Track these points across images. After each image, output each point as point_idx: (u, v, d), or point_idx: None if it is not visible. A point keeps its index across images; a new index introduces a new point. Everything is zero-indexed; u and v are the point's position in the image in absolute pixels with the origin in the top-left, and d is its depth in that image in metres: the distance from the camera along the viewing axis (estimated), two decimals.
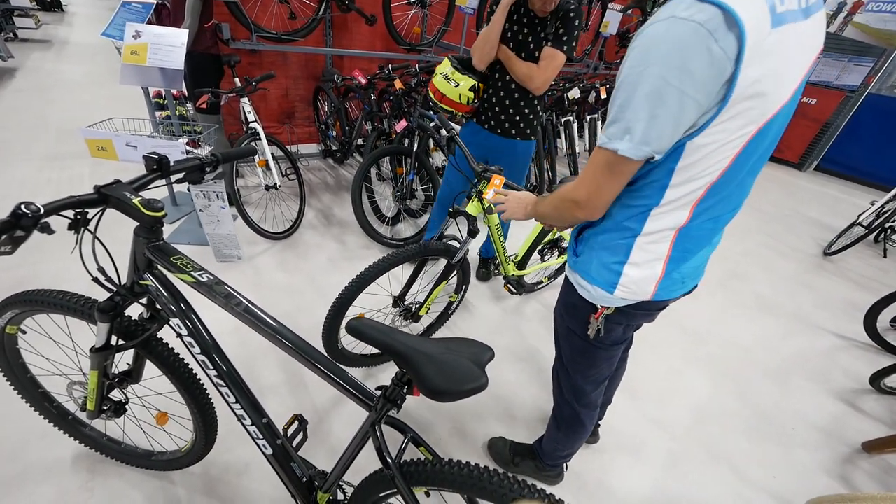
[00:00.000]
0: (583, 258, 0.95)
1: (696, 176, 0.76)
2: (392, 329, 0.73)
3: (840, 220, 4.30)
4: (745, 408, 1.94)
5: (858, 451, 1.80)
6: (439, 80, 1.86)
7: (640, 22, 4.77)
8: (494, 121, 1.91)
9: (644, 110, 0.66)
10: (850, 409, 2.04)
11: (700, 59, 0.61)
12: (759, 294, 2.90)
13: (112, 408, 1.11)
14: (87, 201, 0.77)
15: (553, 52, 1.71)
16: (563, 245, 2.29)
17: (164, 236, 0.89)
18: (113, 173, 0.91)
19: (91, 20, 8.80)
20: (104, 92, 4.58)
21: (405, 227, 2.96)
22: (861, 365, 2.35)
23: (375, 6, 2.86)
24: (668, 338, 2.28)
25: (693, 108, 0.66)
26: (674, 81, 0.63)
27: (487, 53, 1.75)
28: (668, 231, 0.84)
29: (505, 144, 1.96)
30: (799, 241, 3.86)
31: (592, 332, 1.01)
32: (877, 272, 3.53)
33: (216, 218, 2.11)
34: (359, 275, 1.47)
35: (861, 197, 5.43)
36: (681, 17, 0.61)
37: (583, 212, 0.84)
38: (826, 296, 3.04)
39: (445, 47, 3.40)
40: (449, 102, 1.88)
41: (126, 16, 2.26)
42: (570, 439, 1.32)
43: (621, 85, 0.70)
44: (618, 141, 0.71)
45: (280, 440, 0.92)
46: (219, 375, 0.89)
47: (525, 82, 1.77)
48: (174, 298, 0.89)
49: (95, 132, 2.04)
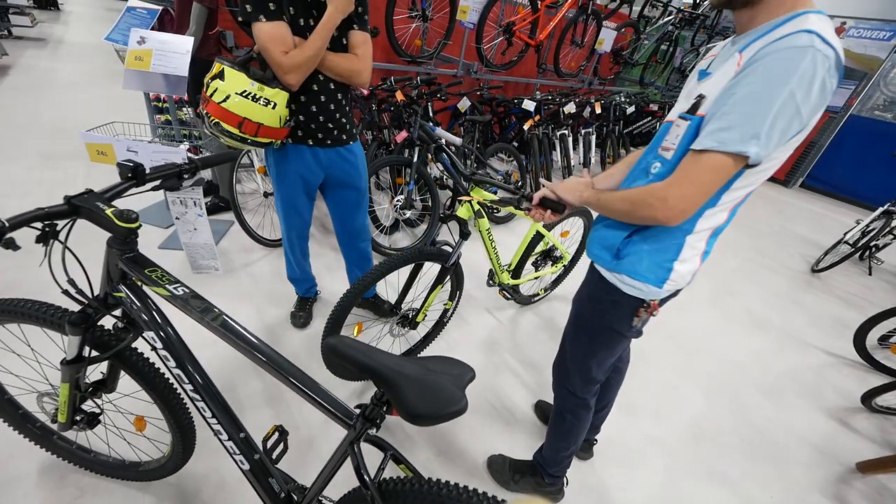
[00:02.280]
0: (630, 259, 0.99)
1: (752, 183, 0.86)
2: (370, 348, 0.72)
3: (826, 237, 4.41)
4: (740, 424, 1.96)
5: (852, 470, 1.82)
6: (239, 103, 1.30)
7: (633, 40, 4.89)
8: (322, 132, 1.53)
9: (770, 121, 0.74)
10: (843, 427, 2.07)
11: (820, 89, 0.72)
12: (751, 310, 2.94)
13: (85, 419, 1.08)
14: (56, 213, 0.75)
15: (364, 35, 1.44)
16: (556, 255, 2.30)
17: (146, 243, 0.87)
18: (110, 175, 0.89)
19: (87, 19, 8.75)
20: (100, 93, 4.54)
21: (402, 236, 2.96)
22: (851, 383, 2.39)
23: (378, 18, 2.89)
24: (663, 352, 2.30)
25: (797, 127, 0.76)
26: (800, 101, 0.72)
27: (311, 69, 1.37)
28: (709, 230, 0.95)
29: (342, 154, 1.63)
30: (788, 258, 3.94)
31: (640, 324, 1.08)
32: (863, 290, 3.61)
33: (192, 226, 2.04)
34: (355, 283, 1.46)
35: (845, 214, 5.57)
36: (818, 49, 0.70)
37: (665, 213, 0.85)
38: (815, 313, 3.09)
39: (445, 60, 3.44)
40: (267, 132, 1.37)
41: (130, 21, 2.26)
42: (574, 435, 1.34)
43: (750, 94, 0.75)
44: (741, 145, 0.76)
45: (258, 455, 0.90)
46: (195, 389, 0.87)
47: (352, 78, 1.46)
48: (148, 311, 0.87)
49: (95, 136, 2.01)
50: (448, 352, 2.04)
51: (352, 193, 1.76)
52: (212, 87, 1.30)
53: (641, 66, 5.20)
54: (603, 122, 4.43)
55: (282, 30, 1.28)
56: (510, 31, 3.42)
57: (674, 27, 5.04)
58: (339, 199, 1.77)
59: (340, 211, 1.82)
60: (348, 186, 1.73)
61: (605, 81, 5.13)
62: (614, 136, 4.54)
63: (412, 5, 2.96)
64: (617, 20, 4.55)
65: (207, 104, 1.32)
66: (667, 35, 5.05)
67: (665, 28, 5.08)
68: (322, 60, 1.37)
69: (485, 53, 3.41)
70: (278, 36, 1.27)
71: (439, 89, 2.84)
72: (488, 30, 3.34)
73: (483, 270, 2.52)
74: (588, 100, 4.10)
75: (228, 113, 1.30)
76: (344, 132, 1.60)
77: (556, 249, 2.26)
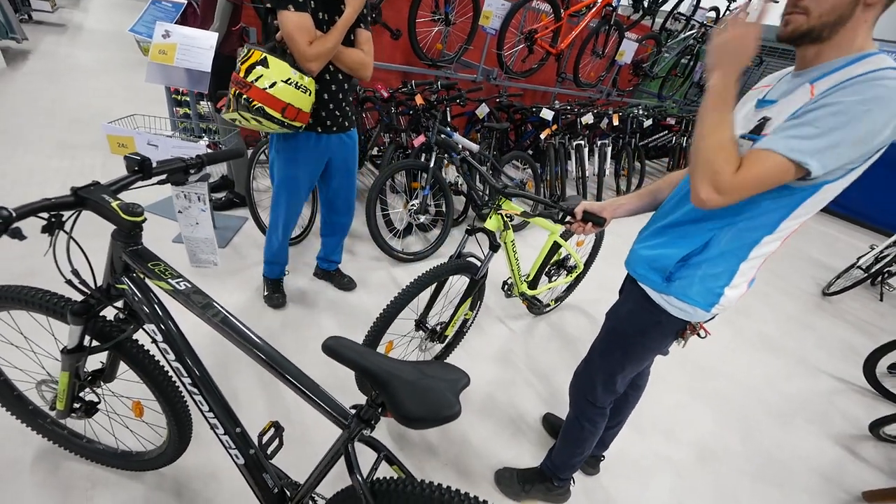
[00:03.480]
0: (681, 283, 1.01)
1: (808, 212, 0.88)
2: (367, 350, 0.73)
3: (838, 261, 4.37)
4: (749, 447, 1.95)
5: (858, 499, 1.81)
6: (284, 89, 1.41)
7: (654, 52, 4.87)
8: (330, 119, 1.69)
9: (851, 143, 0.75)
10: (850, 455, 2.05)
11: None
12: (763, 332, 2.92)
13: (83, 407, 1.09)
14: (62, 204, 0.75)
15: (368, 33, 1.64)
16: (570, 264, 2.30)
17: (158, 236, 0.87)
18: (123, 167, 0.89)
19: (107, 7, 8.79)
20: (118, 81, 4.56)
21: (415, 240, 2.96)
22: (859, 410, 2.37)
23: (400, 21, 2.89)
24: (674, 371, 2.29)
25: (864, 155, 0.77)
26: (887, 133, 0.74)
27: (328, 59, 1.52)
28: (763, 257, 0.97)
29: (343, 139, 1.79)
30: (800, 280, 3.91)
31: (684, 345, 1.12)
32: (874, 315, 3.58)
33: (195, 221, 2.06)
34: (394, 299, 1.46)
35: (859, 238, 5.52)
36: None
37: (708, 192, 0.83)
38: (825, 337, 3.07)
39: (465, 65, 3.43)
40: (303, 117, 1.52)
41: (155, 13, 2.27)
42: (590, 441, 1.37)
43: (833, 115, 0.75)
44: (807, 157, 0.77)
45: (253, 450, 0.91)
46: (193, 383, 0.88)
47: (359, 71, 1.63)
48: (150, 303, 0.88)
49: (117, 129, 2.03)
50: (465, 360, 2.04)
51: (347, 177, 1.93)
52: (255, 72, 1.40)
53: (661, 80, 5.17)
54: (619, 134, 4.41)
55: (308, 21, 1.41)
56: (532, 39, 3.41)
57: (695, 41, 5.01)
58: (336, 184, 1.93)
59: (335, 195, 1.97)
60: (345, 170, 1.89)
61: (624, 93, 5.11)
62: (630, 148, 4.52)
63: (435, 8, 2.96)
64: (639, 32, 4.53)
65: (249, 89, 1.41)
66: (688, 49, 5.02)
67: (686, 42, 5.05)
68: (338, 54, 1.53)
69: (505, 60, 3.40)
70: (305, 26, 1.40)
71: (459, 94, 2.84)
72: (510, 36, 3.33)
73: (496, 278, 2.52)
74: (606, 111, 4.08)
75: (274, 98, 1.42)
76: (347, 119, 1.76)
77: (571, 259, 2.26)
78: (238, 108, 1.45)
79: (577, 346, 2.33)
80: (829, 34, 0.80)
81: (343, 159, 1.84)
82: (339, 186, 1.94)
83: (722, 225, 0.95)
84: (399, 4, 3.00)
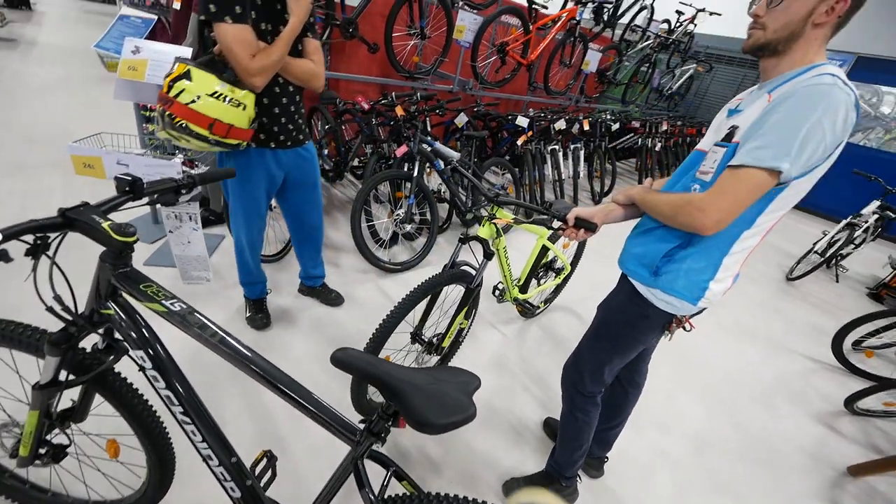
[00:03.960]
0: (667, 277, 1.06)
1: (783, 207, 0.96)
2: (378, 359, 0.72)
3: (796, 247, 4.66)
4: (738, 433, 2.02)
5: (843, 474, 1.91)
6: (210, 104, 1.28)
7: (616, 62, 5.11)
8: (284, 134, 1.58)
9: (800, 141, 0.84)
10: (830, 431, 2.17)
11: (843, 120, 0.83)
12: (739, 320, 3.07)
13: (50, 452, 0.98)
14: (50, 225, 0.71)
15: (316, 43, 1.54)
16: (557, 266, 2.35)
17: (133, 260, 0.82)
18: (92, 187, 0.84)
19: (62, 20, 8.37)
20: (77, 99, 4.34)
21: (401, 249, 2.95)
22: (833, 387, 2.51)
23: (377, 35, 2.91)
24: (661, 364, 2.35)
25: (822, 152, 0.86)
26: (826, 128, 0.83)
27: (274, 72, 1.41)
28: (745, 251, 1.03)
29: (300, 153, 1.69)
30: (765, 268, 4.14)
31: (671, 338, 1.19)
32: (833, 297, 3.84)
33: (186, 240, 2.01)
34: (390, 314, 1.44)
35: (811, 226, 5.93)
36: (841, 88, 0.83)
37: (702, 221, 0.93)
38: (793, 320, 3.26)
39: (442, 76, 3.49)
40: (237, 133, 1.37)
41: (123, 29, 2.19)
42: (586, 432, 1.40)
43: (782, 119, 0.85)
44: (776, 162, 0.85)
45: (250, 481, 0.86)
46: (185, 411, 0.83)
47: (310, 82, 1.54)
48: (138, 328, 0.83)
49: (83, 148, 1.93)
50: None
51: (311, 191, 1.84)
52: (176, 87, 1.27)
53: (624, 86, 5.43)
54: (590, 138, 4.58)
55: (249, 33, 1.31)
56: (504, 51, 3.51)
57: (652, 51, 5.31)
58: (299, 198, 1.83)
59: (300, 210, 1.88)
60: (307, 184, 1.80)
61: (591, 99, 5.32)
62: (601, 150, 4.70)
63: (411, 23, 3.00)
64: (601, 43, 4.75)
65: (171, 105, 1.27)
66: (646, 57, 5.31)
67: (644, 51, 5.34)
68: (286, 65, 1.44)
69: (479, 71, 3.48)
70: (245, 39, 1.29)
71: (439, 105, 2.88)
72: (483, 49, 3.41)
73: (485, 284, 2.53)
74: (576, 117, 4.23)
75: (198, 114, 1.28)
76: (301, 133, 1.67)
77: (558, 261, 2.31)
78: (164, 126, 1.32)
79: (570, 346, 2.34)
80: (784, 48, 0.90)
81: (302, 174, 1.74)
82: (304, 201, 1.85)
83: None
84: (375, 20, 3.03)
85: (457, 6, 3.05)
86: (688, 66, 6.41)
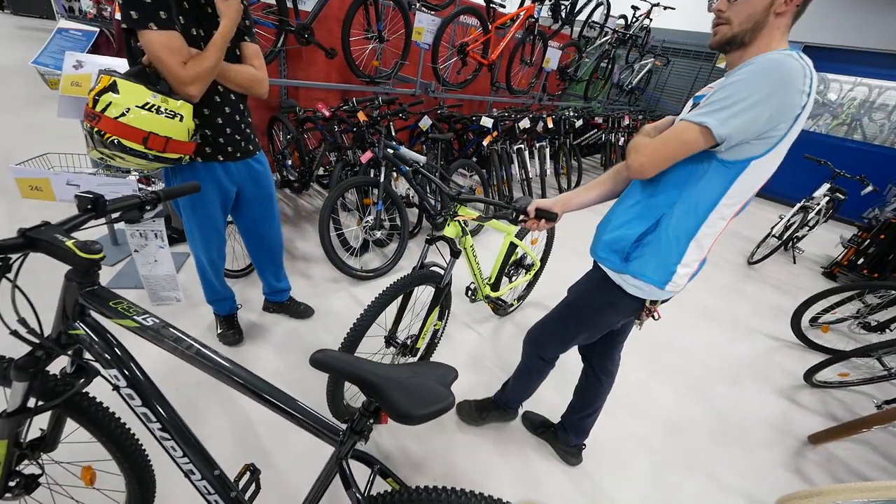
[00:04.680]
0: (638, 262, 1.10)
1: (744, 191, 1.00)
2: (357, 358, 0.74)
3: (755, 232, 4.88)
4: (708, 413, 2.10)
5: (805, 443, 2.01)
6: (142, 117, 1.20)
7: (576, 58, 5.22)
8: (231, 145, 1.50)
9: (737, 103, 0.88)
10: (792, 404, 2.28)
11: (798, 88, 0.86)
12: (703, 304, 3.19)
13: (21, 483, 0.95)
14: (10, 246, 0.69)
15: (255, 46, 1.48)
16: (528, 262, 2.38)
17: (100, 281, 0.81)
18: (39, 211, 0.81)
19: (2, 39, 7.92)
20: (20, 119, 4.10)
21: (372, 256, 2.92)
22: (794, 363, 2.64)
23: (334, 40, 2.88)
24: (630, 349, 2.41)
25: (766, 119, 0.88)
26: (773, 91, 0.86)
27: (211, 79, 1.33)
28: (711, 236, 1.07)
29: (251, 165, 1.62)
30: (726, 252, 4.32)
31: (641, 326, 1.26)
32: (791, 277, 4.04)
33: (153, 258, 1.93)
34: (359, 318, 1.43)
35: (768, 210, 6.21)
36: (796, 59, 0.87)
37: (633, 161, 1.03)
38: (756, 301, 3.41)
39: (403, 79, 3.48)
40: (175, 146, 1.28)
41: (62, 43, 2.08)
42: (536, 382, 1.61)
43: (730, 84, 0.90)
44: (704, 118, 0.91)
45: (234, 492, 0.86)
46: (163, 428, 0.83)
47: (253, 88, 1.48)
48: (110, 347, 0.82)
49: (28, 170, 1.82)
50: None
51: (266, 205, 1.77)
52: (103, 101, 1.18)
53: (585, 83, 5.55)
54: (555, 136, 4.66)
55: (177, 40, 1.23)
56: (464, 52, 3.53)
57: (610, 46, 5.45)
58: (254, 213, 1.76)
59: (256, 226, 1.81)
60: (262, 198, 1.73)
61: (554, 97, 5.42)
62: (566, 147, 4.79)
63: (368, 26, 2.98)
64: (560, 40, 4.84)
65: (99, 121, 1.18)
66: (605, 53, 5.44)
67: (603, 47, 5.47)
68: (224, 72, 1.37)
69: (441, 73, 3.49)
70: (174, 46, 1.23)
71: (401, 109, 2.87)
72: (443, 50, 3.43)
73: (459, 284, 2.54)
74: (540, 115, 4.30)
75: (129, 128, 1.19)
76: (251, 143, 1.60)
77: (528, 257, 2.34)
78: (95, 144, 1.23)
79: None
80: (750, 39, 0.94)
81: (256, 186, 1.67)
82: (259, 214, 1.77)
83: (670, 202, 1.05)
84: (330, 24, 2.99)
85: (414, 8, 3.04)
86: (646, 61, 6.62)
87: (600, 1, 5.33)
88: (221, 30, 1.30)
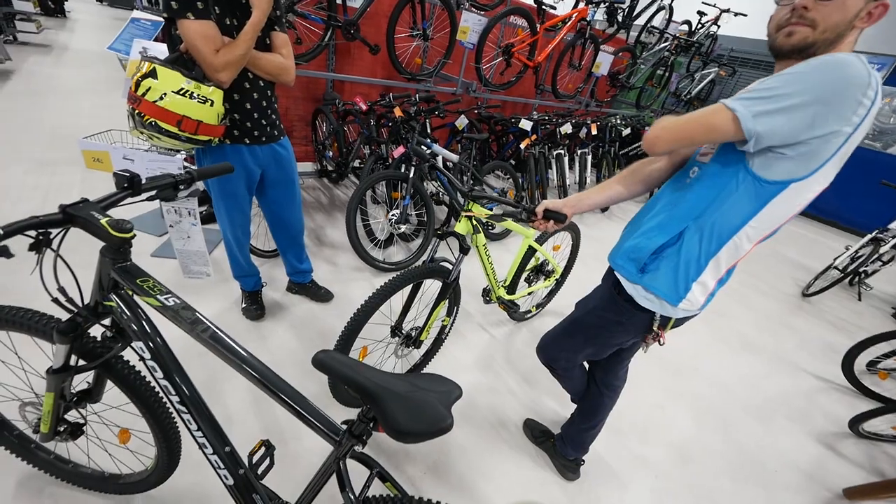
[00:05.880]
0: (653, 274, 1.05)
1: (779, 214, 0.90)
2: (358, 363, 0.72)
3: (816, 262, 4.46)
4: (729, 446, 1.95)
5: (839, 496, 1.81)
6: (177, 101, 1.29)
7: (629, 65, 5.01)
8: (257, 129, 1.61)
9: (780, 94, 0.78)
10: (830, 452, 2.06)
11: (850, 97, 0.74)
12: (742, 332, 2.96)
13: (68, 430, 1.07)
14: (51, 221, 0.75)
15: (285, 36, 1.56)
16: (548, 269, 2.32)
17: (139, 251, 0.87)
18: (106, 182, 0.89)
19: (93, 27, 8.86)
20: (102, 100, 4.57)
21: (396, 250, 2.97)
22: (840, 408, 2.39)
23: (379, 36, 2.95)
24: (652, 371, 2.30)
25: (808, 121, 0.76)
26: (826, 92, 0.75)
27: (241, 67, 1.42)
28: (733, 258, 0.99)
29: (276, 150, 1.72)
30: (778, 281, 3.98)
31: (647, 350, 1.21)
32: (852, 315, 3.64)
33: (186, 234, 2.08)
34: (363, 304, 1.47)
35: (834, 240, 5.64)
36: (863, 63, 0.75)
37: (650, 133, 0.97)
38: (805, 336, 3.11)
39: (445, 78, 3.51)
40: (206, 129, 1.39)
41: (134, 31, 2.29)
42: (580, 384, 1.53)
43: (780, 75, 0.80)
44: (734, 102, 0.82)
45: (243, 470, 0.89)
46: (181, 401, 0.87)
47: (280, 76, 1.56)
48: (138, 320, 0.87)
49: (92, 143, 2.03)
50: (445, 367, 2.04)
51: (289, 188, 1.86)
52: (143, 86, 1.29)
53: (638, 90, 5.31)
54: (599, 143, 4.51)
55: (212, 29, 1.32)
56: (509, 53, 3.50)
57: (670, 53, 5.17)
58: (277, 196, 1.85)
59: (278, 208, 1.90)
60: (285, 181, 1.82)
61: (602, 104, 5.23)
62: (609, 157, 4.62)
63: (413, 24, 3.03)
64: (614, 45, 4.67)
65: (140, 104, 1.29)
66: (663, 60, 5.18)
67: (661, 54, 5.21)
68: (254, 60, 1.46)
69: (484, 73, 3.48)
70: (209, 35, 1.31)
71: (437, 106, 2.89)
72: (488, 50, 3.42)
73: (477, 285, 2.52)
74: (585, 121, 4.17)
75: (166, 111, 1.30)
76: (276, 128, 1.69)
77: (548, 264, 2.28)
78: (136, 125, 1.35)
79: None
80: (824, 51, 0.81)
81: (280, 170, 1.77)
82: (282, 198, 1.87)
83: (694, 215, 0.98)
84: (377, 20, 3.08)
85: (462, 7, 3.06)
86: (709, 70, 6.23)
87: (662, 6, 5.09)
88: (253, 20, 1.37)
